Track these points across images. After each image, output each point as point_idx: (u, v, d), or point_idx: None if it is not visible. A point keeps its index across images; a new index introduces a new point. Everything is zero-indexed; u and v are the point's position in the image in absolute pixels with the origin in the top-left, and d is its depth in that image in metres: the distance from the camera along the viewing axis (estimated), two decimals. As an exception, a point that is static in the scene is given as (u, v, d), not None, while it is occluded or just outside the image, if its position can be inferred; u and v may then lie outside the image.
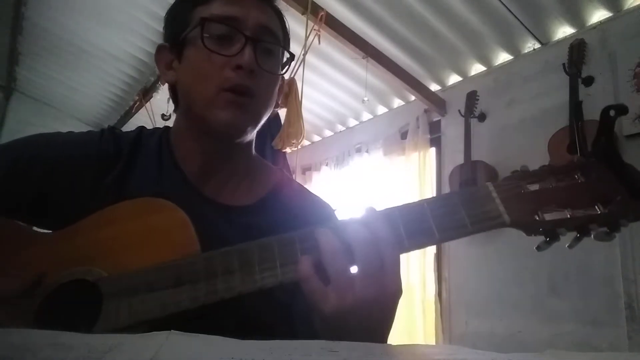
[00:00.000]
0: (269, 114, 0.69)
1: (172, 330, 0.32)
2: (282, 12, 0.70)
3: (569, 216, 0.46)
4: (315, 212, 0.72)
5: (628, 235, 1.91)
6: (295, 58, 0.74)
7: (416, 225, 0.48)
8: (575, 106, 1.57)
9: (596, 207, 0.46)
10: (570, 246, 0.48)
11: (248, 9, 0.63)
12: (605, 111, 0.49)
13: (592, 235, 0.47)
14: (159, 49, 0.69)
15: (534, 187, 0.49)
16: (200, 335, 0.32)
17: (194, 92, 0.63)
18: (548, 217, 0.47)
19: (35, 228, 0.61)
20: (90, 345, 0.29)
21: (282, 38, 0.69)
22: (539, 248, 0.49)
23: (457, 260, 2.61)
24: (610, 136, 0.49)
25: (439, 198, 0.50)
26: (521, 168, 0.51)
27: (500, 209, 0.47)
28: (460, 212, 0.47)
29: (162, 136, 0.70)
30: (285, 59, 0.70)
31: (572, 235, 0.48)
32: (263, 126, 0.70)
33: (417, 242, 0.48)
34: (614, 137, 0.49)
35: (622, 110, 0.48)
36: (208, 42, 0.60)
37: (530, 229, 0.47)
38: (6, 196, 0.60)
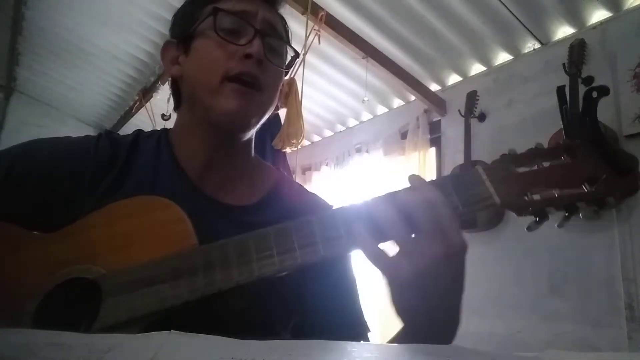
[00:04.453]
0: (272, 111, 0.70)
1: (172, 330, 0.32)
2: (284, 18, 0.73)
3: (557, 196, 0.48)
4: (314, 211, 0.72)
5: (628, 235, 1.91)
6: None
7: None
8: (558, 90, 1.60)
9: (583, 186, 0.48)
10: (559, 225, 0.50)
11: (257, 6, 0.65)
12: (587, 93, 0.50)
13: (580, 215, 0.49)
14: (166, 44, 0.71)
15: (523, 169, 0.50)
16: (200, 335, 0.32)
17: (199, 82, 0.64)
18: (537, 197, 0.48)
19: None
20: (90, 345, 0.29)
21: (286, 39, 0.71)
22: (529, 228, 0.50)
23: (457, 260, 2.60)
24: (594, 117, 0.51)
25: (431, 182, 0.51)
26: (509, 151, 0.52)
27: (490, 190, 0.48)
28: (451, 195, 0.48)
29: (161, 136, 0.71)
30: (289, 59, 0.71)
31: (561, 215, 0.49)
32: (263, 125, 0.71)
33: None
34: (597, 118, 0.51)
35: (603, 91, 0.50)
36: (219, 32, 0.62)
37: (520, 209, 0.48)
38: (2, 203, 0.60)
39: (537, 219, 0.49)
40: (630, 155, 0.48)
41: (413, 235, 0.46)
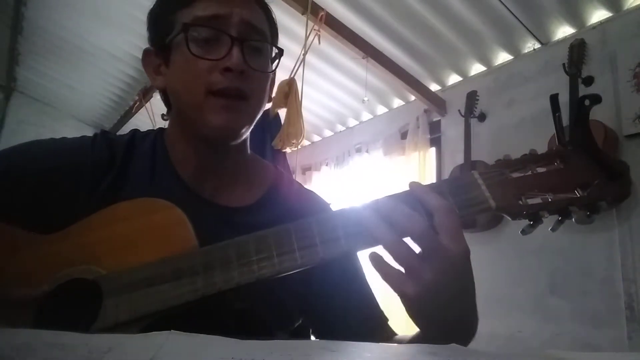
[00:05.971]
0: (262, 112, 0.68)
1: (172, 330, 0.32)
2: (267, 5, 0.68)
3: (550, 200, 0.49)
4: (313, 208, 0.73)
5: (628, 235, 1.91)
6: (295, 58, 0.73)
7: None
8: (551, 98, 1.63)
9: (576, 191, 0.49)
10: (553, 229, 0.51)
11: (231, 7, 0.61)
12: (580, 101, 0.51)
13: (573, 219, 0.50)
14: (145, 53, 0.68)
15: (517, 174, 0.51)
16: (200, 335, 0.32)
17: (183, 98, 0.62)
18: (531, 201, 0.49)
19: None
20: (90, 345, 0.29)
21: (270, 33, 0.67)
22: (523, 232, 0.51)
23: (457, 260, 2.59)
24: (586, 124, 0.52)
25: (428, 187, 0.51)
26: (504, 157, 0.53)
27: (485, 194, 0.49)
28: (447, 199, 0.49)
29: (156, 138, 0.70)
30: (274, 54, 0.68)
31: (554, 219, 0.50)
32: (263, 126, 0.70)
33: None
34: (589, 125, 0.52)
35: (596, 99, 0.51)
36: (193, 48, 0.59)
37: (514, 213, 0.49)
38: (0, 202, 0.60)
39: (531, 222, 0.50)
40: (621, 161, 0.50)
41: (417, 251, 0.46)
